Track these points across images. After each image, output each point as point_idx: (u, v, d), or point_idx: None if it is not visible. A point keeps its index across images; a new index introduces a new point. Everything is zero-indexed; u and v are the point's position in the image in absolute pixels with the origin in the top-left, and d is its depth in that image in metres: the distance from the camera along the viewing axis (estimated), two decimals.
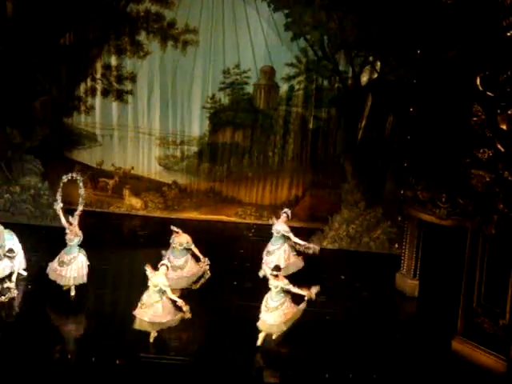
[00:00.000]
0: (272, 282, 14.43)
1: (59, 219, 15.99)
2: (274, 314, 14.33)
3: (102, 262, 17.88)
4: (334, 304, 16.75)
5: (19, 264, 16.17)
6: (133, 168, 20.94)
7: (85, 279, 15.90)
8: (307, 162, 20.73)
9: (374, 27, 18.70)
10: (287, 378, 13.76)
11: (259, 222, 20.61)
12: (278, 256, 16.86)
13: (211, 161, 20.83)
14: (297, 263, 17.11)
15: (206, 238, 17.86)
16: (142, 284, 14.47)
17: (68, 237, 15.95)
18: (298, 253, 17.12)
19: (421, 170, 16.77)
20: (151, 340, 14.24)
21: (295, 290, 14.45)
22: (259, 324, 14.37)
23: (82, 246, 16.20)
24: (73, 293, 15.84)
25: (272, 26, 19.61)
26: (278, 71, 20.28)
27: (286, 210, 17.16)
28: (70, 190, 20.40)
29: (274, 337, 14.50)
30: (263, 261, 16.70)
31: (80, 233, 15.89)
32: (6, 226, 15.97)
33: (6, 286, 15.79)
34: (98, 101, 20.48)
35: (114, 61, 20.15)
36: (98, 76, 20.28)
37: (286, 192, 20.88)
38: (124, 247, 18.60)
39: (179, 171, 20.58)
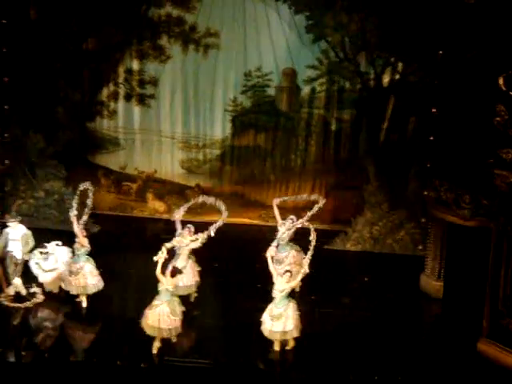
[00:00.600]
0: (278, 287, 14.28)
1: (72, 226, 15.94)
2: (281, 321, 14.18)
3: (126, 266, 18.02)
4: (358, 306, 16.75)
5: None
6: (156, 171, 21.00)
7: (94, 289, 15.80)
8: (329, 164, 20.66)
9: (395, 28, 18.66)
10: (312, 381, 13.73)
11: None
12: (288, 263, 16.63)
13: (234, 163, 20.84)
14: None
15: (229, 240, 17.90)
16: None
17: (76, 245, 15.95)
18: None
19: (444, 171, 16.71)
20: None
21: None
22: (267, 334, 14.26)
23: (102, 250, 16.24)
24: (84, 304, 15.78)
25: (293, 29, 19.60)
26: (299, 73, 20.23)
27: (291, 216, 16.92)
28: (94, 193, 20.68)
29: (289, 345, 14.44)
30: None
31: (87, 244, 15.84)
32: (31, 230, 16.04)
33: (32, 290, 15.91)
34: (120, 105, 20.55)
35: (136, 65, 20.21)
36: (121, 80, 20.35)
37: (309, 194, 20.78)
38: (148, 251, 18.59)
39: (202, 174, 20.62)
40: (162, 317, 14.07)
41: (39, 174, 19.82)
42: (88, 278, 15.67)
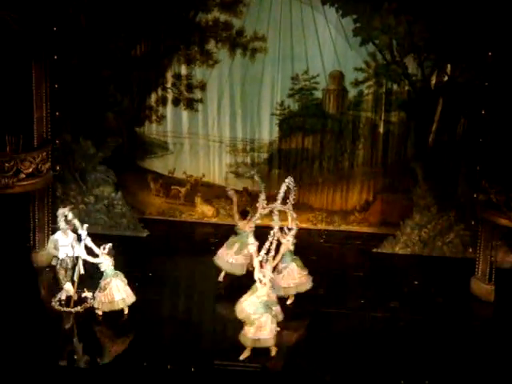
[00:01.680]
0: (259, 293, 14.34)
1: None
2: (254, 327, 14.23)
3: (175, 270, 18.14)
4: (408, 310, 16.68)
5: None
6: (204, 175, 21.04)
7: (121, 305, 15.76)
8: (378, 167, 20.54)
9: (443, 30, 18.50)
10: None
11: (330, 227, 20.57)
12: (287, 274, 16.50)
13: (281, 167, 20.78)
14: (306, 283, 16.61)
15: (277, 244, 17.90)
16: (215, 291, 14.59)
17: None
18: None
19: (494, 173, 16.57)
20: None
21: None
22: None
23: (151, 254, 16.31)
24: (99, 312, 15.76)
25: (340, 32, 19.51)
26: (346, 76, 20.12)
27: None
28: (143, 197, 20.90)
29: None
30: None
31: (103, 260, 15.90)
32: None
33: (83, 295, 16.09)
34: (168, 110, 20.60)
35: (184, 70, 20.26)
36: (169, 85, 20.43)
37: (357, 197, 20.74)
38: (196, 255, 18.75)
39: (250, 178, 20.63)
40: (263, 328, 14.16)
41: (89, 179, 20.02)
42: (113, 295, 15.69)
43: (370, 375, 14.07)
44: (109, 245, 15.88)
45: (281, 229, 16.13)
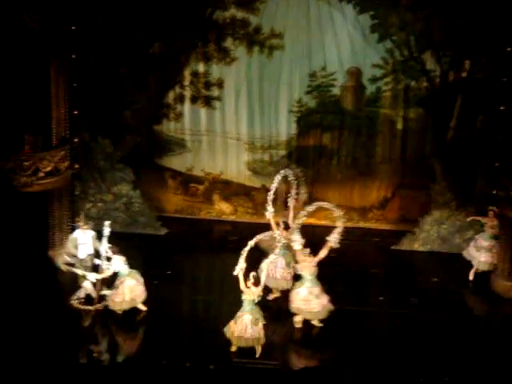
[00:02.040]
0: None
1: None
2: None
3: (194, 268, 18.18)
4: (427, 307, 16.65)
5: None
6: (222, 173, 21.08)
7: (131, 305, 15.84)
8: (396, 163, 20.49)
9: (461, 25, 18.41)
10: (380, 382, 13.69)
11: (349, 224, 20.48)
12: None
13: (299, 164, 20.66)
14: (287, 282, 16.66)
15: None
16: (234, 289, 14.59)
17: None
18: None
19: None
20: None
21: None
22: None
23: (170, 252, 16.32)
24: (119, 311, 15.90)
25: (357, 28, 19.44)
26: (364, 72, 20.07)
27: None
28: (161, 195, 20.94)
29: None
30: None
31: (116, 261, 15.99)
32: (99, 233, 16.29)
33: (102, 293, 16.14)
34: (186, 107, 20.61)
35: (201, 68, 20.25)
36: (186, 83, 20.43)
37: (375, 193, 20.70)
38: (215, 253, 18.79)
39: (268, 175, 20.54)
40: (245, 327, 14.22)
41: (107, 177, 20.07)
42: (126, 294, 15.75)
43: (390, 372, 14.05)
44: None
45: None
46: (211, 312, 16.21)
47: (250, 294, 14.30)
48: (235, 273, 14.25)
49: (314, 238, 19.63)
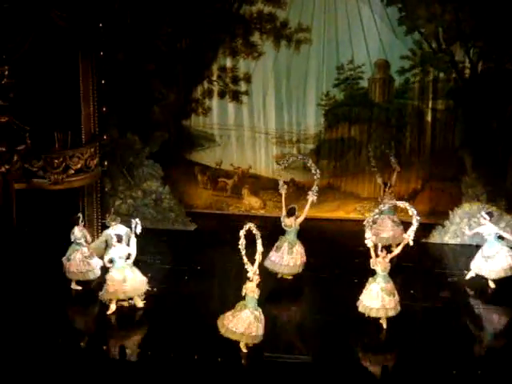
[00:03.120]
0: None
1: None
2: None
3: (224, 263, 18.20)
4: (459, 299, 16.59)
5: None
6: (251, 167, 21.09)
7: (137, 292, 16.06)
8: (425, 155, 20.39)
9: (490, 16, 18.27)
10: (399, 374, 13.66)
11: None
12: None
13: (328, 157, 20.75)
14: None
15: (325, 235, 17.91)
16: (263, 283, 14.63)
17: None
18: None
19: None
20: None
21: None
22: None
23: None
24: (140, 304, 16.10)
25: (385, 21, 19.37)
26: (392, 64, 20.00)
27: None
28: (190, 191, 20.99)
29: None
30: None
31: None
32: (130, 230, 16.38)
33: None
34: (214, 102, 20.68)
35: (229, 62, 20.30)
36: (214, 78, 20.49)
37: (405, 186, 20.57)
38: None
39: (296, 169, 20.54)
40: (245, 322, 14.24)
41: (136, 174, 20.16)
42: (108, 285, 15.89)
43: (422, 365, 14.01)
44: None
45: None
46: None
47: (251, 290, 14.33)
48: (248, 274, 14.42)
49: (342, 231, 19.96)
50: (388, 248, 16.17)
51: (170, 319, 15.67)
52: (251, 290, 14.34)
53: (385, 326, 15.13)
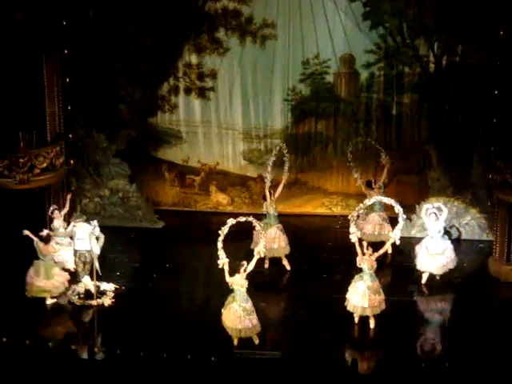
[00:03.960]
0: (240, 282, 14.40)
1: None
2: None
3: (193, 260, 18.20)
4: (426, 292, 16.70)
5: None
6: (218, 164, 21.05)
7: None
8: (391, 149, 20.41)
9: (453, 10, 18.38)
10: (382, 368, 13.72)
11: (346, 211, 20.47)
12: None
13: (295, 152, 20.71)
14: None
15: (293, 231, 17.92)
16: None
17: None
18: None
19: (509, 154, 16.50)
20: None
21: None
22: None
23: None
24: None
25: (350, 16, 19.43)
26: (357, 58, 20.07)
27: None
28: (158, 188, 20.92)
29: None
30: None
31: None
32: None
33: (102, 288, 16.24)
34: (180, 99, 20.62)
35: (194, 59, 20.25)
36: (180, 75, 20.42)
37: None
38: (213, 244, 18.74)
39: (264, 165, 20.56)
40: (236, 317, 14.26)
41: (103, 172, 20.10)
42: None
43: (389, 358, 14.08)
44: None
45: None
46: (210, 304, 16.22)
47: (238, 283, 14.32)
48: (220, 266, 14.33)
49: (310, 226, 20.00)
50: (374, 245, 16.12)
51: (139, 317, 15.64)
52: (238, 283, 14.28)
53: (372, 324, 15.17)
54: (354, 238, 14.97)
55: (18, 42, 16.87)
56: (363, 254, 14.99)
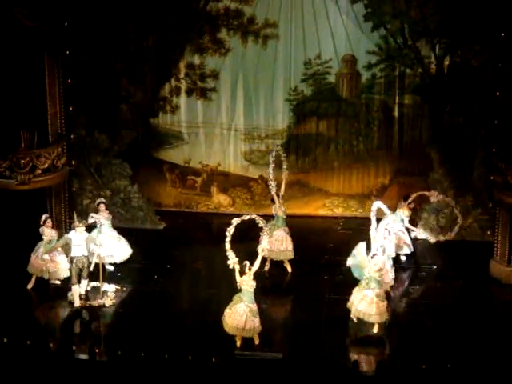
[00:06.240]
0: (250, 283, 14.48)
1: None
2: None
3: (194, 261, 18.20)
4: (427, 294, 16.71)
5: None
6: (219, 164, 21.01)
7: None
8: (393, 150, 20.44)
9: (455, 12, 18.37)
10: (383, 369, 13.71)
11: (347, 213, 20.54)
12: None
13: (297, 153, 20.72)
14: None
15: (294, 232, 17.91)
16: (234, 281, 14.63)
17: None
18: None
19: (510, 155, 16.50)
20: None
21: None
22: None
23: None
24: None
25: (351, 17, 19.42)
26: (359, 59, 20.04)
27: None
28: (159, 189, 20.92)
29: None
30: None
31: None
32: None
33: (103, 288, 16.23)
34: (182, 100, 20.55)
35: (196, 60, 20.19)
36: (182, 76, 20.37)
37: (373, 181, 20.65)
38: (214, 245, 18.78)
39: (265, 165, 20.49)
40: (241, 317, 14.26)
41: (105, 173, 20.05)
42: None
43: (391, 359, 14.08)
44: None
45: None
46: (212, 305, 16.23)
47: (247, 284, 14.31)
48: (230, 266, 14.31)
49: (311, 227, 20.00)
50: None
51: (140, 318, 15.67)
52: (247, 283, 14.31)
53: (376, 330, 15.14)
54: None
55: (20, 42, 16.92)
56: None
